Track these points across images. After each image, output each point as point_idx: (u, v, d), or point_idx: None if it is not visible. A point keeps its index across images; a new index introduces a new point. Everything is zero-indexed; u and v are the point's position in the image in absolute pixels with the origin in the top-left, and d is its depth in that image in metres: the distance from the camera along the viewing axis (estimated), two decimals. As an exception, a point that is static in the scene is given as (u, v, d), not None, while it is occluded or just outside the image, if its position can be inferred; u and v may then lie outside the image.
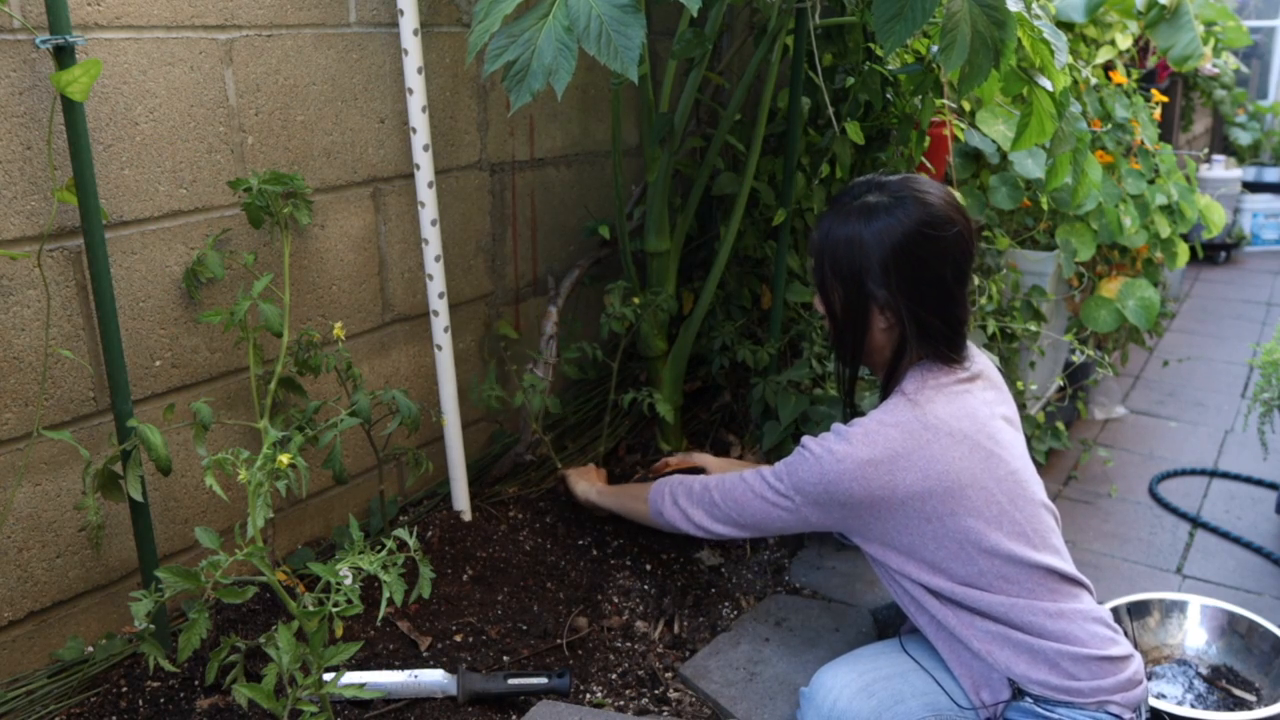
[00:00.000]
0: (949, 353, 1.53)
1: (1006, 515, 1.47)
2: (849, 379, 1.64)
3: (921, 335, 1.50)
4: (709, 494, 1.69)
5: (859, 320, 1.52)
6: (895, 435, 1.46)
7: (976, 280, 2.58)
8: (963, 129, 2.82)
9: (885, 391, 1.57)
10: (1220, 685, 1.88)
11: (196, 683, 1.63)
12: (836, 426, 1.52)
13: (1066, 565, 1.51)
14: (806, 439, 1.54)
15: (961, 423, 1.48)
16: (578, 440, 2.49)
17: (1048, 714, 1.44)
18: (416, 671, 1.68)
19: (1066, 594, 1.49)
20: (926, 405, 1.48)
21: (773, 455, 2.35)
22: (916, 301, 1.48)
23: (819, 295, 1.57)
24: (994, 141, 2.79)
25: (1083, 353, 2.76)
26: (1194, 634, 1.98)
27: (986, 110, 2.73)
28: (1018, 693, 1.47)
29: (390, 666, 1.73)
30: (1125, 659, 1.46)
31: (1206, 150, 6.18)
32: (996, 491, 1.47)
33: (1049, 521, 1.54)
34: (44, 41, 1.38)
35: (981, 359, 1.62)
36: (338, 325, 1.77)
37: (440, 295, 2.02)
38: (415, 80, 1.89)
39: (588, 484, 2.11)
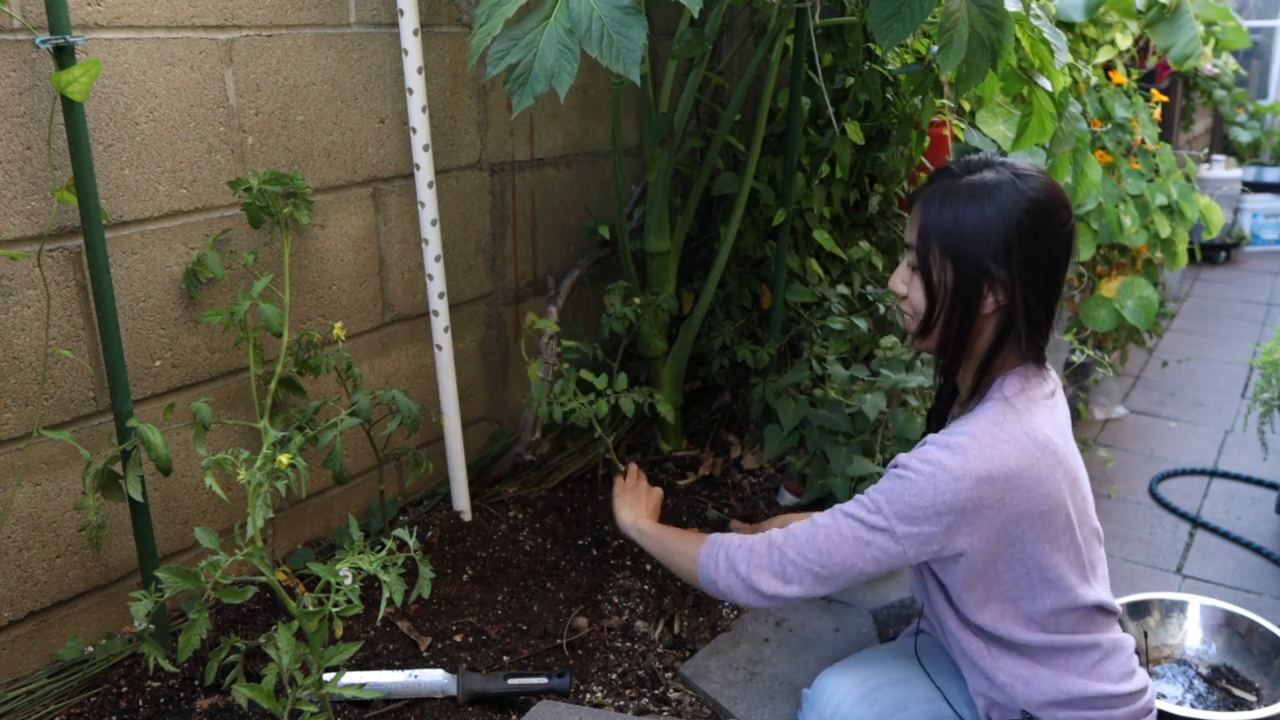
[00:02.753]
0: (1041, 351, 1.44)
1: (1074, 544, 1.40)
2: (947, 368, 1.48)
3: (1028, 322, 1.40)
4: (777, 552, 1.45)
5: (970, 299, 1.39)
6: (1010, 451, 1.33)
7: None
8: (963, 129, 2.82)
9: (975, 387, 1.46)
10: (1220, 685, 1.88)
11: (196, 683, 1.63)
12: (934, 439, 1.36)
13: (1107, 595, 1.46)
14: (902, 459, 1.37)
15: (1057, 441, 1.38)
16: (578, 440, 2.49)
17: None
18: (416, 671, 1.68)
19: (1102, 624, 1.44)
20: (1031, 419, 1.37)
21: (776, 463, 2.36)
22: (1029, 285, 1.38)
23: (919, 276, 1.42)
24: (994, 141, 2.78)
25: (1082, 353, 2.76)
26: (1194, 634, 1.98)
27: (986, 110, 2.74)
28: (1029, 716, 1.44)
29: (390, 666, 1.73)
30: (1140, 691, 1.43)
31: (1206, 150, 6.18)
32: (1073, 516, 1.40)
33: (1099, 550, 1.49)
34: (44, 41, 1.38)
35: (1052, 370, 1.52)
36: (338, 325, 1.77)
37: (440, 295, 2.02)
38: (415, 80, 1.89)
39: (634, 515, 1.79)
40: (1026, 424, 1.36)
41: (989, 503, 1.31)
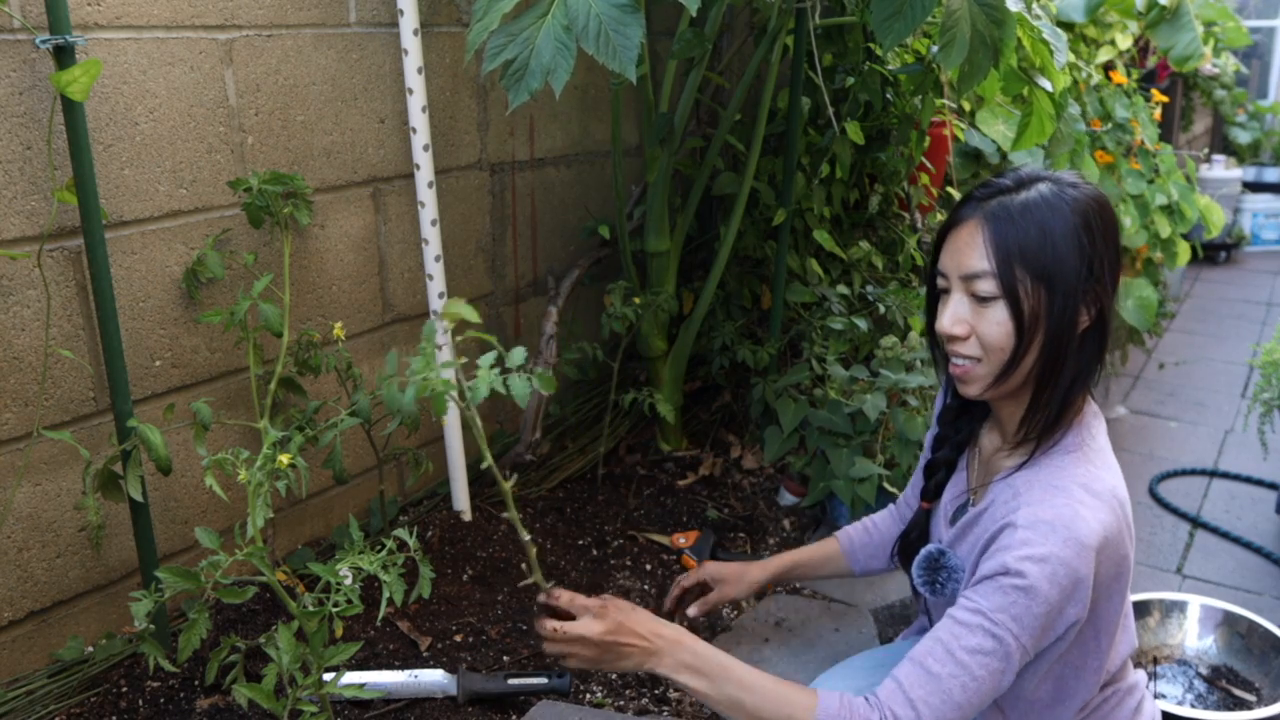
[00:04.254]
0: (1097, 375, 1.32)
1: (1126, 597, 1.32)
2: (1032, 412, 1.28)
3: (1110, 336, 1.28)
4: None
5: (1069, 321, 1.24)
6: (1105, 518, 1.22)
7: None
8: (963, 129, 2.82)
9: (1057, 419, 1.29)
10: (1220, 685, 1.88)
11: (196, 683, 1.63)
12: (1024, 521, 1.21)
13: (1132, 636, 1.41)
14: (1011, 564, 1.19)
15: (1125, 487, 1.28)
16: (578, 440, 2.49)
17: None
18: (416, 671, 1.68)
19: (1120, 674, 1.40)
20: (1106, 469, 1.27)
21: (777, 463, 2.36)
22: (1112, 291, 1.26)
23: (1003, 307, 1.24)
24: (994, 141, 2.79)
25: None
26: (1194, 634, 1.98)
27: (986, 110, 2.74)
28: None
29: (390, 666, 1.73)
30: None
31: (1206, 150, 6.19)
32: (1131, 568, 1.32)
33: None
34: (44, 41, 1.38)
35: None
36: (338, 325, 1.77)
37: (440, 295, 2.02)
38: (415, 80, 1.89)
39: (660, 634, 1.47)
40: (1107, 478, 1.27)
41: (1092, 575, 1.22)
